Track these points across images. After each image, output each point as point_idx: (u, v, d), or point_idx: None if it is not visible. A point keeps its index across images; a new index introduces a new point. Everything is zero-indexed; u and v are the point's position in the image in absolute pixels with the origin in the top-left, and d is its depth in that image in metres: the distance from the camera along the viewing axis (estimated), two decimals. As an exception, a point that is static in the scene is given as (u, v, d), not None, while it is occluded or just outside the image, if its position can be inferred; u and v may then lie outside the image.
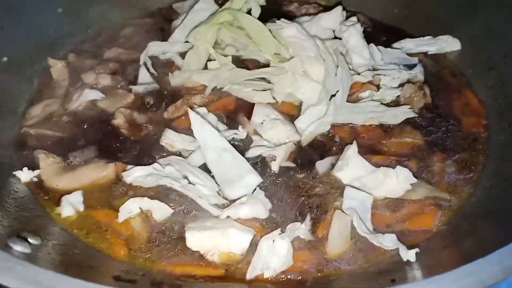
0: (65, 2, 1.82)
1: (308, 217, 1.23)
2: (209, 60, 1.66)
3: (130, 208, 1.23)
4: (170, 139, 1.43)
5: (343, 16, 1.80)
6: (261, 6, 1.76)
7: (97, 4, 1.88)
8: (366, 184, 1.31)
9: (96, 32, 1.91)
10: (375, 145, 1.46)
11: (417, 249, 1.13)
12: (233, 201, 1.27)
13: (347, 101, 1.56)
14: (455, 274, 0.76)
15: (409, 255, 1.12)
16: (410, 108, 1.54)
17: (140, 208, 1.25)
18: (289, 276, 1.13)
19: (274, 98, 1.54)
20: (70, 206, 1.26)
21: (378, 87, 1.62)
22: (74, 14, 1.85)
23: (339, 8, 1.80)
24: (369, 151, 1.43)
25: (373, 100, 1.57)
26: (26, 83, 1.65)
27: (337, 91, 1.52)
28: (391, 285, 0.78)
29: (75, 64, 1.72)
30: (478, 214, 1.24)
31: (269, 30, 1.64)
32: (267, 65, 1.62)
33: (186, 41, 1.74)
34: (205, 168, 1.35)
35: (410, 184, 1.30)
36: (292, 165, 1.39)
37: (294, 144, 1.44)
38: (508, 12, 1.60)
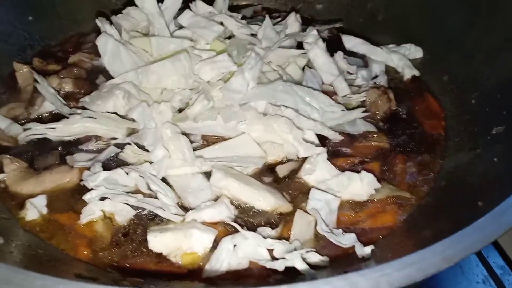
0: (35, 10, 1.84)
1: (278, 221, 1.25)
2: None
3: (93, 209, 1.23)
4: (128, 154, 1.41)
5: (299, 20, 1.85)
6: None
7: (67, 11, 1.89)
8: (331, 187, 1.32)
9: (65, 38, 1.92)
10: (341, 149, 1.49)
11: (372, 246, 1.15)
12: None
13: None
14: (398, 263, 0.77)
15: (365, 252, 1.14)
16: (365, 111, 1.57)
17: (102, 211, 1.25)
18: (250, 274, 1.13)
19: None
20: (34, 209, 1.26)
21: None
22: (44, 22, 1.87)
23: (292, 15, 1.86)
24: (334, 154, 1.45)
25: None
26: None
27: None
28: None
29: (40, 68, 1.71)
30: (432, 211, 1.27)
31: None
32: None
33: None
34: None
35: (373, 187, 1.32)
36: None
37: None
38: (465, 22, 1.65)
